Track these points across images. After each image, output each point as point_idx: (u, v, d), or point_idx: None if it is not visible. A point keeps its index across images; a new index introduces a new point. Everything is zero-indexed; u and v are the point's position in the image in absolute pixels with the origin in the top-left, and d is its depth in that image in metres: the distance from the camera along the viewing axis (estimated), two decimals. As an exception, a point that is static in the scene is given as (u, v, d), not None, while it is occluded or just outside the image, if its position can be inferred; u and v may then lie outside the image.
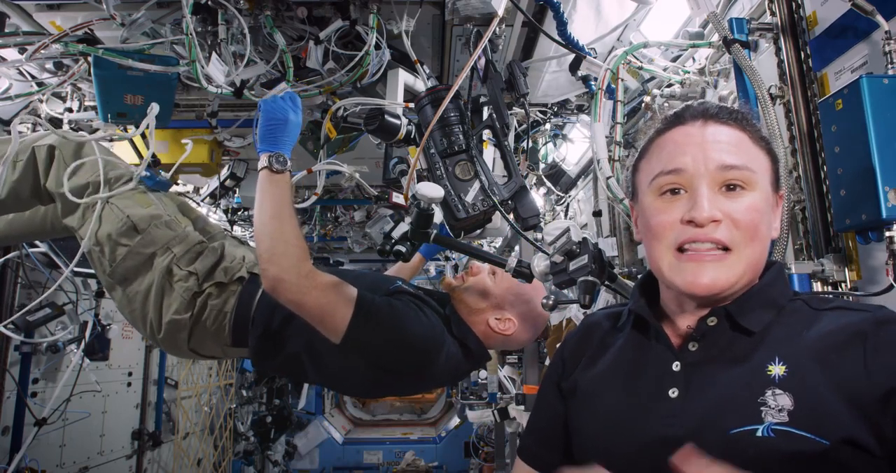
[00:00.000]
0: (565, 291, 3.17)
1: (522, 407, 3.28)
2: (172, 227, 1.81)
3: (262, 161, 1.54)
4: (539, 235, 1.70)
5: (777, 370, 0.78)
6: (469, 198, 1.60)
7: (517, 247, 3.52)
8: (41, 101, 2.51)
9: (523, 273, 1.52)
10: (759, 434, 0.74)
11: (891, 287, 1.20)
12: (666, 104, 2.14)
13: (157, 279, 1.75)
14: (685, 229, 0.83)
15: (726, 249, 0.82)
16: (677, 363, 0.86)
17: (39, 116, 2.59)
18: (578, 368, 1.03)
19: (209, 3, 1.84)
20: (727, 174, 0.83)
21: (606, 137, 1.86)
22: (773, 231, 0.88)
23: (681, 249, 0.84)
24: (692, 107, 0.91)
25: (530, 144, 3.14)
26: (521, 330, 1.76)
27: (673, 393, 0.84)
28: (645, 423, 0.85)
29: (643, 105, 2.25)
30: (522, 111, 1.81)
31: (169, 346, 1.83)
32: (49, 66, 2.23)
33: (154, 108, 1.78)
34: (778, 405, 0.75)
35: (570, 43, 1.97)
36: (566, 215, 3.78)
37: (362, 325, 1.51)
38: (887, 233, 1.18)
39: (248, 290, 1.75)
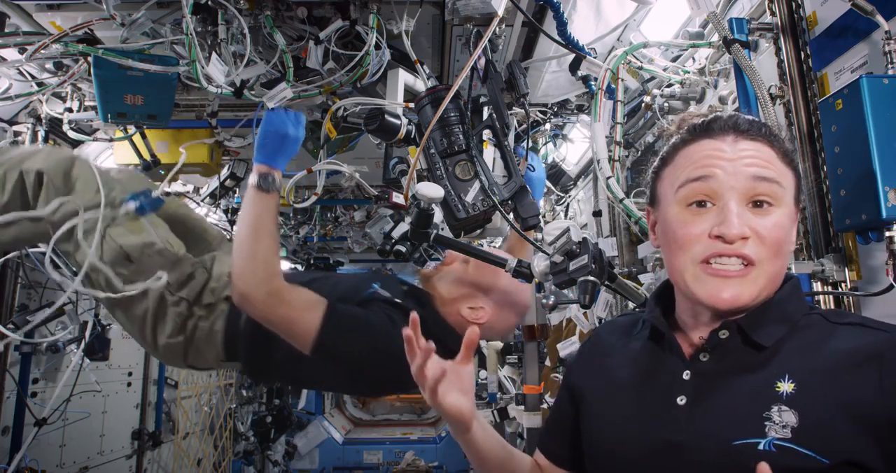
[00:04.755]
0: (565, 291, 3.15)
1: (522, 407, 3.28)
2: (164, 255, 1.83)
3: (253, 175, 1.57)
4: (539, 235, 1.70)
5: (785, 387, 0.78)
6: (469, 198, 1.60)
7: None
8: (41, 102, 2.51)
9: (523, 273, 1.52)
10: (760, 447, 0.75)
11: (891, 287, 1.20)
12: (666, 104, 2.14)
13: (152, 305, 1.78)
14: (712, 243, 0.83)
15: (750, 263, 0.82)
16: (688, 372, 0.87)
17: (40, 117, 2.59)
18: (592, 373, 1.05)
19: (209, 3, 1.84)
20: (758, 187, 0.83)
21: (606, 137, 1.86)
22: (790, 244, 0.88)
23: (705, 262, 0.84)
24: (722, 119, 0.90)
25: (530, 144, 3.13)
26: (497, 319, 1.72)
27: (681, 400, 0.85)
28: (652, 428, 0.87)
29: (643, 105, 2.25)
30: (522, 111, 1.81)
31: (168, 362, 1.92)
32: (49, 66, 2.23)
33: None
34: (782, 421, 0.76)
35: (570, 43, 1.97)
36: (566, 215, 3.78)
37: (329, 340, 1.52)
38: (887, 233, 1.18)
39: (235, 309, 1.76)
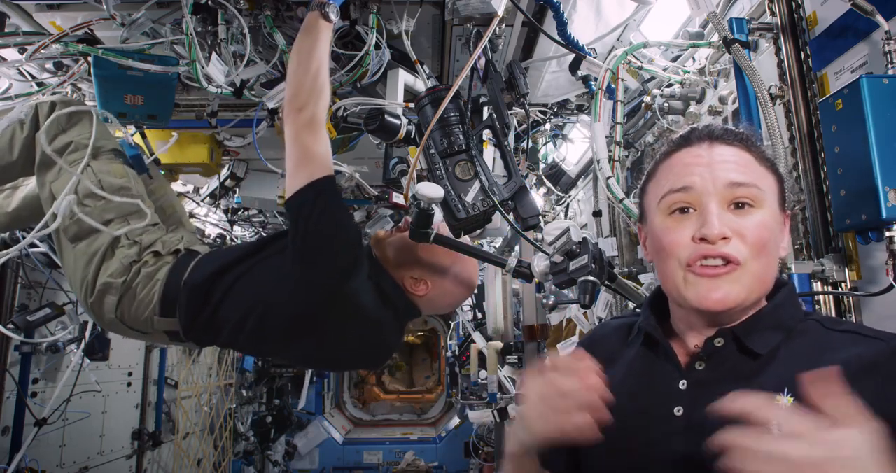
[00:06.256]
0: (565, 291, 3.15)
1: (522, 407, 3.27)
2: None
3: (314, 4, 1.58)
4: (539, 235, 1.70)
5: (784, 401, 0.78)
6: (469, 198, 1.60)
7: (517, 247, 3.53)
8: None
9: (523, 273, 1.52)
10: None
11: (891, 287, 1.20)
12: (666, 104, 2.14)
13: (105, 244, 1.79)
14: (697, 247, 0.84)
15: (734, 262, 0.83)
16: (683, 381, 0.88)
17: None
18: None
19: (209, 3, 1.84)
20: (736, 191, 0.85)
21: (606, 137, 1.87)
22: (782, 250, 0.89)
23: (691, 265, 0.85)
24: (698, 130, 0.93)
25: (530, 144, 3.14)
26: (437, 295, 1.72)
27: (678, 411, 0.85)
28: (650, 439, 0.86)
29: (643, 105, 2.25)
30: (522, 111, 1.81)
31: (97, 311, 1.84)
32: (49, 66, 2.23)
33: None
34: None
35: (570, 43, 1.97)
36: (566, 215, 3.78)
37: (313, 200, 1.50)
38: (887, 233, 1.19)
39: (181, 262, 1.79)
